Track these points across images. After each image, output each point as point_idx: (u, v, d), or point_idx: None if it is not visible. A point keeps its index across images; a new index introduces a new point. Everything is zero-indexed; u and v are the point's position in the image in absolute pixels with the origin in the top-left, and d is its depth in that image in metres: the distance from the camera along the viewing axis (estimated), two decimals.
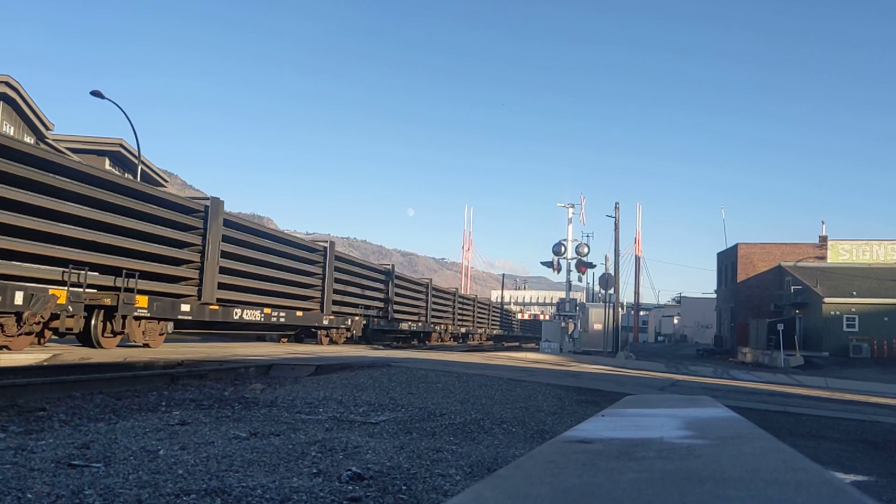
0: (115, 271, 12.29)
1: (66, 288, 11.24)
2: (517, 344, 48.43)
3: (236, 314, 15.74)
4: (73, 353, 10.67)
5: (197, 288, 14.25)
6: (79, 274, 11.49)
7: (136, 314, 12.71)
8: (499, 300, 68.61)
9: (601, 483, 1.60)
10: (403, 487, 3.34)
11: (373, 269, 25.87)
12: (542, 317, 63.42)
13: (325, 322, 20.70)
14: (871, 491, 4.27)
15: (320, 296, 20.34)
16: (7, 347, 10.62)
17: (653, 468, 1.76)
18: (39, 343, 11.93)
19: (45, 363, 9.16)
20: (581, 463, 1.87)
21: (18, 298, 10.33)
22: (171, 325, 14.29)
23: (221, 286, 15.02)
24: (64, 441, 4.01)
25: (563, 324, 30.24)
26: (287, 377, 9.04)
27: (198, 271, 14.25)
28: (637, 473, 1.69)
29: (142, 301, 12.73)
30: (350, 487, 3.26)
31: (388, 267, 27.33)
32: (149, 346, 13.59)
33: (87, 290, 11.68)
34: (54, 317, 11.20)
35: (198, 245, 14.26)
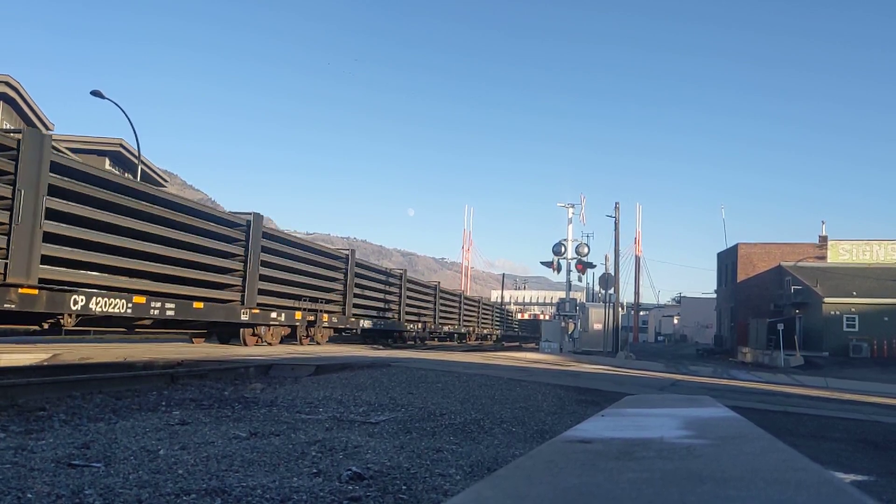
0: (182, 281, 13.74)
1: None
2: (517, 344, 48.40)
3: (273, 317, 17.29)
4: (74, 353, 10.66)
5: (241, 294, 15.71)
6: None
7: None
8: (499, 300, 68.60)
9: (601, 483, 1.60)
10: (403, 487, 3.34)
11: (387, 273, 27.56)
12: (542, 317, 63.38)
13: (348, 324, 22.27)
14: (870, 491, 4.27)
15: (342, 299, 21.94)
16: None
17: (653, 468, 1.76)
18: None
19: (46, 363, 9.15)
20: (581, 463, 1.87)
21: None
22: None
23: (261, 292, 16.51)
24: (64, 441, 4.01)
25: (562, 324, 30.22)
26: (287, 377, 9.04)
27: (241, 279, 15.75)
28: (637, 473, 1.69)
29: (198, 306, 14.15)
30: (350, 487, 3.26)
31: (400, 271, 29.00)
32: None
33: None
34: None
35: (241, 255, 15.81)
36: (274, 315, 17.19)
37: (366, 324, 23.84)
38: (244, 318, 15.82)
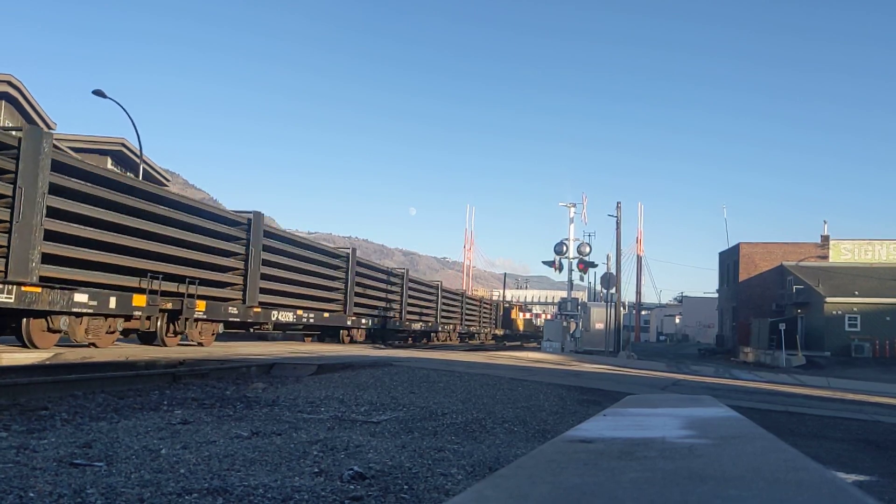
0: (314, 298, 20.74)
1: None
2: (519, 343, 48.47)
3: (363, 322, 24.50)
4: (75, 353, 10.68)
5: (343, 306, 22.79)
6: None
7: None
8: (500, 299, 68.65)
9: (603, 482, 1.60)
10: (405, 486, 3.34)
11: (428, 285, 33.81)
12: (543, 316, 63.34)
13: (403, 326, 29.02)
14: (872, 491, 4.27)
15: (399, 307, 28.54)
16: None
17: (654, 468, 1.76)
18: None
19: (47, 362, 9.17)
20: (583, 462, 1.87)
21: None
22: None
23: (356, 304, 23.68)
24: (66, 440, 4.02)
25: (564, 323, 30.18)
26: (289, 376, 9.04)
27: (343, 295, 22.74)
28: (639, 473, 1.69)
29: (325, 315, 21.10)
30: (352, 486, 3.26)
31: (437, 283, 35.05)
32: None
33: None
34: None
35: (343, 278, 22.83)
36: (364, 321, 24.44)
37: (415, 326, 30.38)
38: (347, 323, 22.97)
